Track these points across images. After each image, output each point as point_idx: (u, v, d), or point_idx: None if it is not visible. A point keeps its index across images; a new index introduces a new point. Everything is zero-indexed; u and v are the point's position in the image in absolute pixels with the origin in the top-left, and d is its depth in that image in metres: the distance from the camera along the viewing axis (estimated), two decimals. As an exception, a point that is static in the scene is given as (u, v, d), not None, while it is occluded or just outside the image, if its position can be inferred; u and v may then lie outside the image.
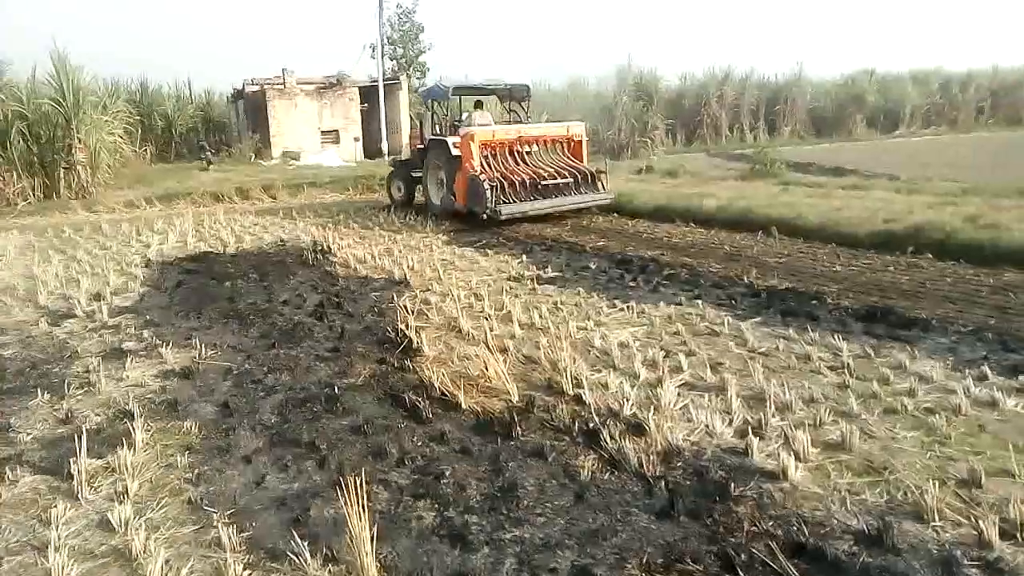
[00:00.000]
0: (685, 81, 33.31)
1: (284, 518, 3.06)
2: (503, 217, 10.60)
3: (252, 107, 26.39)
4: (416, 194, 13.64)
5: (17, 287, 7.68)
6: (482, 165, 11.13)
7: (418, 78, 31.84)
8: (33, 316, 6.52)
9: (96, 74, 19.85)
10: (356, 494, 2.68)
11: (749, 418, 3.85)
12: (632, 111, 28.28)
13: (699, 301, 6.24)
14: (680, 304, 6.21)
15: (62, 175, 16.01)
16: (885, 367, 4.52)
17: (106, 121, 17.41)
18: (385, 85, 25.98)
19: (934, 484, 3.02)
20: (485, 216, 10.74)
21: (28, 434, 4.02)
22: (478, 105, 13.30)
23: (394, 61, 31.89)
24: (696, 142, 30.94)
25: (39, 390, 4.59)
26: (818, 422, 3.77)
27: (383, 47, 27.59)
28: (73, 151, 15.91)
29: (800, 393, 4.15)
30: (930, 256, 7.57)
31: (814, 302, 6.08)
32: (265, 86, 25.33)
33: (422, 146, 12.93)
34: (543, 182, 11.31)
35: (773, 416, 3.83)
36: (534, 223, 11.15)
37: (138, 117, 22.58)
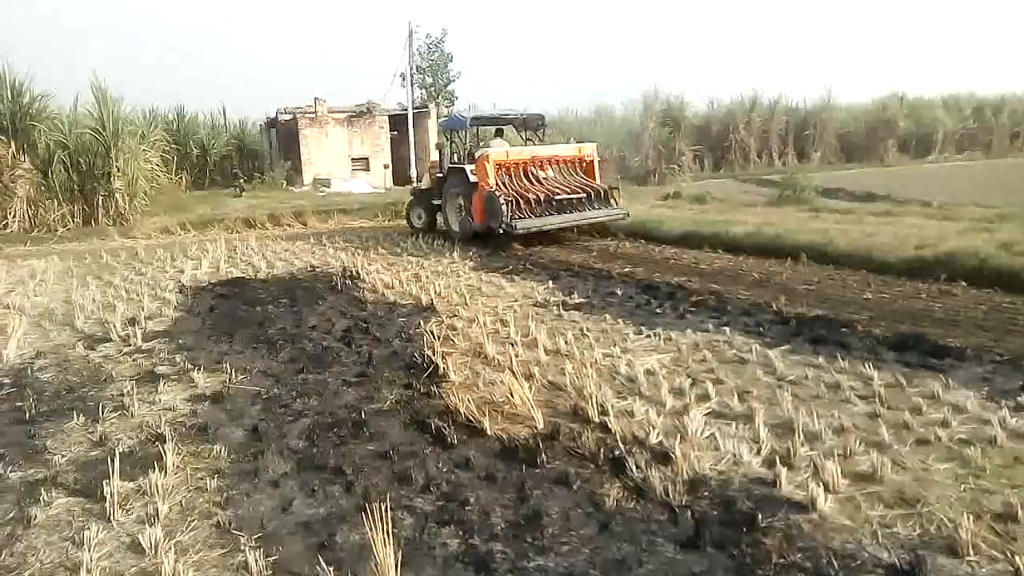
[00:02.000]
0: (712, 107, 33.31)
1: (310, 543, 3.08)
2: (518, 231, 11.17)
3: (284, 135, 26.96)
4: (437, 221, 13.86)
5: (56, 311, 7.88)
6: (498, 184, 11.66)
7: (447, 106, 32.28)
8: (70, 340, 6.68)
9: (135, 105, 20.49)
10: (381, 520, 2.70)
11: (777, 447, 3.80)
12: (659, 137, 28.30)
13: (727, 328, 6.19)
14: (708, 331, 6.17)
15: (101, 202, 16.50)
16: (917, 397, 4.44)
17: (143, 150, 17.94)
18: (414, 113, 26.39)
19: (969, 518, 2.94)
20: (501, 231, 11.23)
21: (63, 456, 4.10)
22: (498, 134, 13.86)
23: (423, 90, 32.39)
24: (724, 168, 30.82)
25: (75, 413, 4.69)
26: (848, 452, 3.71)
27: (412, 76, 28.05)
28: (112, 179, 16.39)
29: (830, 422, 4.09)
30: (963, 283, 7.44)
31: (844, 330, 6.00)
32: (297, 115, 25.89)
33: (441, 175, 13.32)
34: (556, 198, 11.84)
35: (802, 446, 3.78)
36: (560, 249, 11.24)
37: (174, 145, 23.17)
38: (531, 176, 12.27)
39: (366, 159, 26.78)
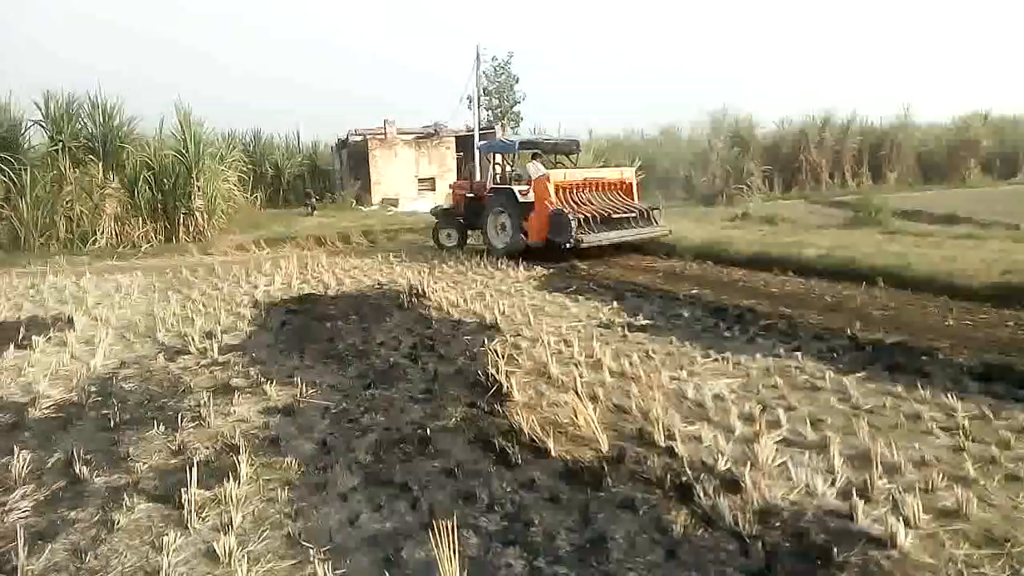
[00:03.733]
0: (783, 126, 32.62)
1: (377, 557, 3.12)
2: (584, 246, 12.00)
3: (355, 156, 27.72)
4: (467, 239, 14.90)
5: (139, 324, 8.26)
6: (560, 203, 12.49)
7: (512, 127, 32.62)
8: (152, 351, 6.98)
9: (215, 127, 21.43)
10: (448, 538, 2.71)
11: (853, 479, 3.66)
12: (727, 158, 27.89)
13: (798, 353, 6.02)
14: (778, 356, 6.01)
15: (181, 220, 17.28)
16: (1005, 430, 4.22)
17: (222, 170, 18.72)
18: (480, 134, 26.74)
19: (1065, 561, 2.77)
20: (568, 246, 11.91)
21: (144, 463, 4.27)
22: (535, 156, 14.53)
23: (489, 111, 32.83)
24: (794, 189, 30.09)
25: (155, 422, 4.89)
26: (930, 486, 3.54)
27: (479, 98, 28.48)
28: (192, 198, 17.15)
29: (910, 454, 3.92)
30: (1055, 311, 7.04)
31: (924, 358, 5.75)
32: (367, 136, 26.59)
33: (472, 195, 14.41)
34: (615, 215, 12.95)
35: (880, 478, 3.63)
36: (625, 269, 11.20)
37: (251, 166, 24.09)
38: (582, 197, 13.15)
39: (433, 179, 27.26)
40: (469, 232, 15.01)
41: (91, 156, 17.11)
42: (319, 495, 3.76)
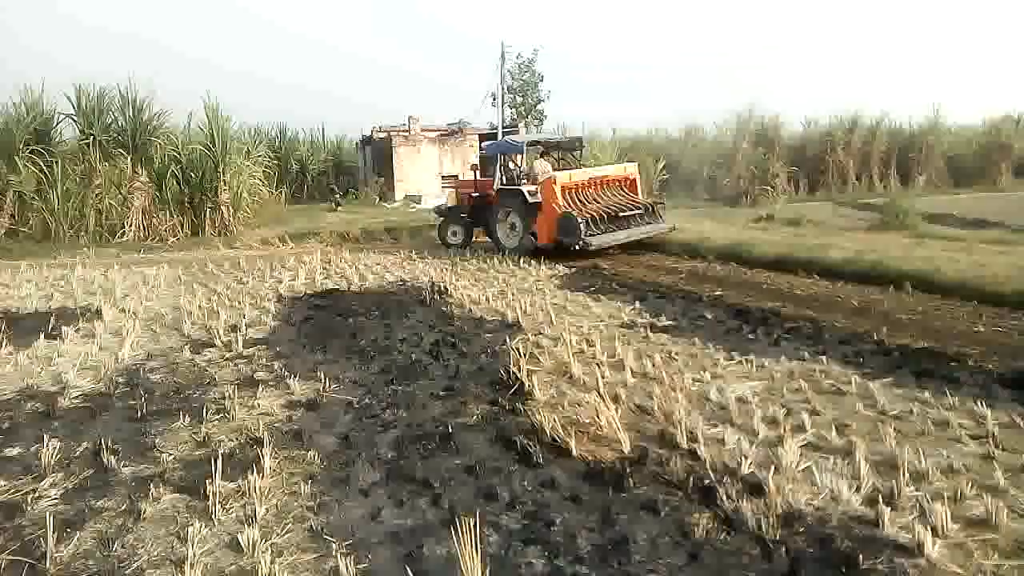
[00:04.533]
0: (809, 127, 32.19)
1: (398, 553, 3.13)
2: (592, 248, 12.14)
3: (378, 153, 27.85)
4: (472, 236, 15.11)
5: (166, 316, 8.37)
6: (566, 204, 12.62)
7: (536, 125, 32.57)
8: (178, 344, 7.07)
9: (242, 123, 21.66)
10: (470, 536, 2.72)
11: (879, 486, 3.61)
12: (752, 158, 27.60)
13: (823, 357, 5.94)
14: (803, 359, 5.94)
15: (208, 214, 17.47)
16: (1037, 439, 4.13)
17: (248, 165, 18.89)
18: (504, 132, 26.74)
19: (1098, 575, 2.71)
20: (577, 247, 12.12)
21: (170, 454, 4.33)
22: (543, 155, 14.75)
23: (513, 109, 32.82)
24: (820, 191, 29.69)
25: (181, 413, 4.95)
26: (959, 495, 3.48)
27: (503, 96, 28.49)
28: (219, 192, 17.34)
29: (937, 462, 3.86)
30: (1090, 319, 6.89)
31: (953, 364, 5.66)
32: (391, 133, 26.70)
33: (477, 194, 14.53)
34: (622, 214, 13.06)
35: (907, 485, 3.57)
36: (648, 270, 11.15)
37: (276, 161, 24.30)
38: (589, 196, 13.24)
39: (456, 177, 27.29)
40: (475, 230, 15.23)
41: (120, 150, 17.35)
42: (341, 489, 3.79)
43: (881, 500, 3.40)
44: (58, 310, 8.67)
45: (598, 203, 13.07)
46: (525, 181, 13.85)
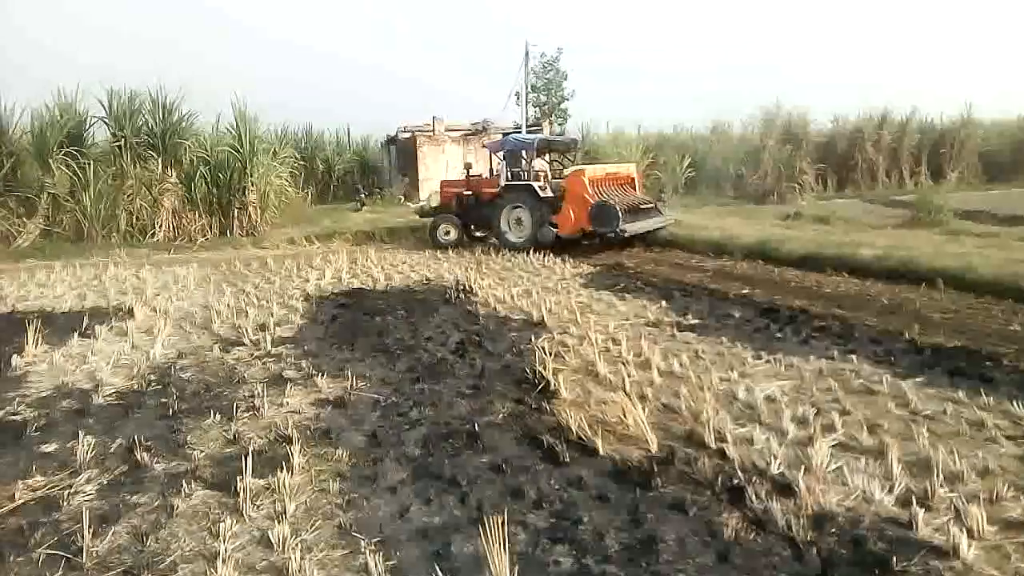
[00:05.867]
0: (838, 123, 31.71)
1: (426, 550, 3.15)
2: (626, 235, 12.86)
3: (403, 152, 27.97)
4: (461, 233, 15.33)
5: (196, 315, 8.49)
6: (594, 196, 13.17)
7: (559, 124, 32.50)
8: (208, 342, 7.17)
9: (269, 124, 21.88)
10: (498, 534, 2.72)
11: (913, 487, 3.55)
12: (779, 155, 27.26)
13: (853, 356, 5.86)
14: (832, 358, 5.86)
15: (236, 214, 17.66)
16: (1076, 440, 4.04)
17: (275, 166, 19.07)
18: (527, 131, 26.70)
19: None
20: (614, 234, 12.71)
21: (201, 451, 4.39)
22: (539, 154, 15.24)
23: (537, 108, 32.76)
24: (849, 188, 29.27)
25: (212, 411, 5.03)
26: (995, 496, 3.42)
27: (527, 95, 28.45)
28: (247, 193, 17.54)
29: (972, 463, 3.79)
30: None
31: (988, 363, 5.56)
32: (416, 132, 26.81)
33: (469, 192, 15.15)
34: (642, 206, 14.08)
35: (941, 486, 3.51)
36: (673, 268, 11.08)
37: (302, 162, 24.49)
38: (604, 191, 13.73)
39: (480, 175, 27.32)
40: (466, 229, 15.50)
41: (151, 152, 17.61)
42: (369, 487, 3.81)
43: (915, 501, 3.35)
44: (91, 309, 8.84)
45: (617, 197, 13.55)
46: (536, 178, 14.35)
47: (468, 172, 15.73)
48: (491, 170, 16.00)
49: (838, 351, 6.07)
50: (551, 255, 12.98)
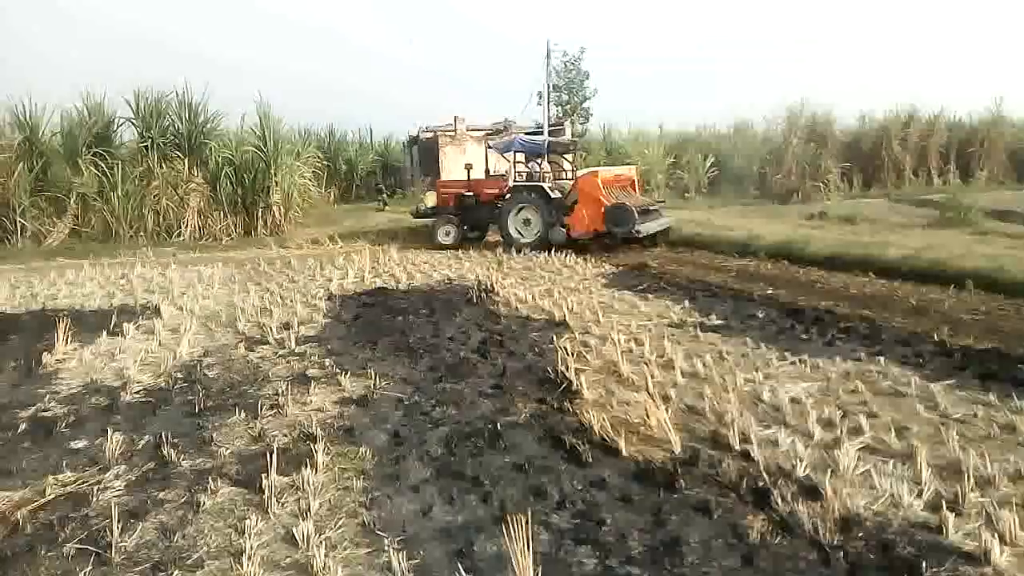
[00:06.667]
0: (864, 122, 31.29)
1: (449, 549, 3.15)
2: (641, 235, 13.13)
3: (425, 152, 28.08)
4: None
5: (221, 314, 8.59)
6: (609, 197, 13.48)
7: (581, 123, 32.42)
8: (233, 341, 7.24)
9: (292, 124, 22.09)
10: (522, 533, 2.72)
11: (943, 491, 3.49)
12: (803, 154, 26.96)
13: (881, 358, 5.78)
14: (859, 360, 5.79)
15: (260, 214, 17.88)
16: (1112, 445, 3.95)
17: (298, 166, 19.26)
18: (549, 131, 26.66)
19: None
20: (632, 232, 12.97)
21: (227, 449, 4.44)
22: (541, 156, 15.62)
23: (559, 107, 32.69)
24: (875, 187, 28.87)
25: (237, 409, 5.07)
26: (1028, 502, 3.35)
27: (549, 94, 28.40)
28: (271, 193, 17.72)
29: (1004, 467, 3.72)
30: None
31: (1020, 366, 5.44)
32: (437, 132, 26.90)
33: (470, 193, 15.35)
34: (651, 208, 14.44)
35: (972, 491, 3.45)
36: (696, 268, 11.01)
37: (325, 162, 24.70)
38: (615, 191, 13.98)
39: (502, 176, 27.34)
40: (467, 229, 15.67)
41: (177, 152, 17.88)
42: (392, 486, 3.83)
43: (944, 506, 3.29)
44: (119, 307, 8.97)
45: (626, 199, 13.79)
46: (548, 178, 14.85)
47: (469, 173, 15.93)
48: (487, 171, 16.59)
49: (865, 353, 5.99)
50: (572, 255, 12.96)
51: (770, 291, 8.91)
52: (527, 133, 25.19)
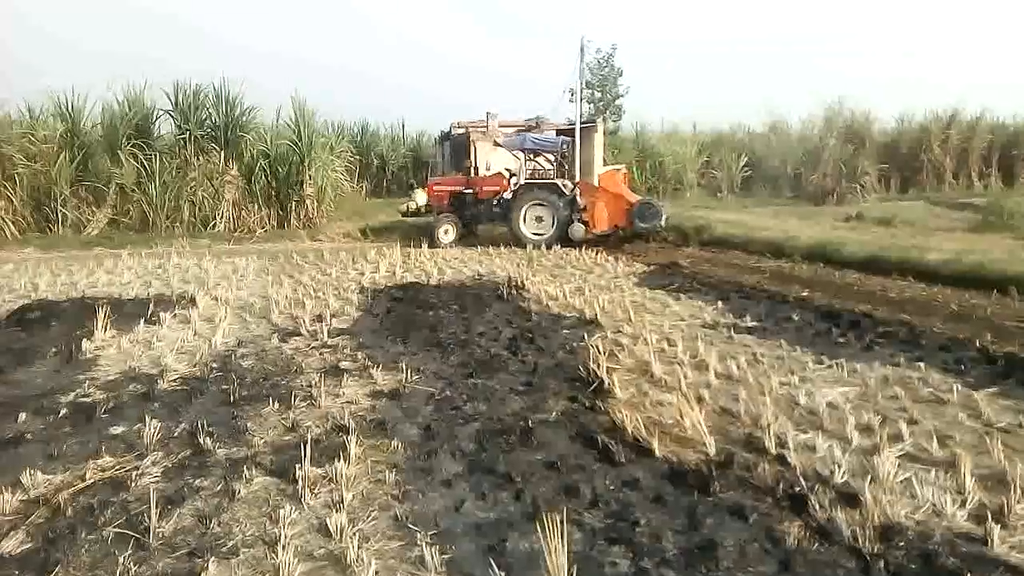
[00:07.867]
0: (903, 123, 30.65)
1: (482, 545, 3.14)
2: (663, 229, 14.02)
3: (456, 148, 28.05)
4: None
5: (255, 305, 8.69)
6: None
7: (614, 120, 32.21)
8: (267, 332, 7.32)
9: (326, 118, 22.26)
10: (555, 531, 2.70)
11: (987, 501, 3.40)
12: (840, 155, 26.47)
13: (921, 364, 5.66)
14: (898, 365, 5.67)
15: (293, 207, 18.06)
16: None
17: (332, 160, 19.41)
18: (581, 128, 26.54)
19: None
20: (659, 227, 13.87)
21: (261, 438, 4.48)
22: (536, 154, 15.88)
23: (591, 104, 32.51)
24: (913, 189, 28.28)
25: (271, 399, 5.12)
26: (1077, 515, 3.24)
27: (581, 91, 28.25)
28: (304, 186, 17.90)
29: (1052, 479, 3.61)
30: None
31: (1067, 375, 5.29)
32: (469, 129, 26.91)
33: (469, 191, 15.33)
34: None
35: (1018, 502, 3.35)
36: (729, 268, 10.90)
37: (357, 156, 24.87)
38: (623, 189, 14.66)
39: (500, 173, 27.28)
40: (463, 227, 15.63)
41: (214, 145, 18.12)
42: (425, 480, 3.83)
43: (990, 517, 3.19)
44: (156, 297, 9.13)
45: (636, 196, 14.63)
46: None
47: (469, 171, 16.05)
48: (483, 168, 16.73)
49: (904, 358, 5.86)
50: (603, 253, 12.89)
51: (805, 293, 8.78)
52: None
